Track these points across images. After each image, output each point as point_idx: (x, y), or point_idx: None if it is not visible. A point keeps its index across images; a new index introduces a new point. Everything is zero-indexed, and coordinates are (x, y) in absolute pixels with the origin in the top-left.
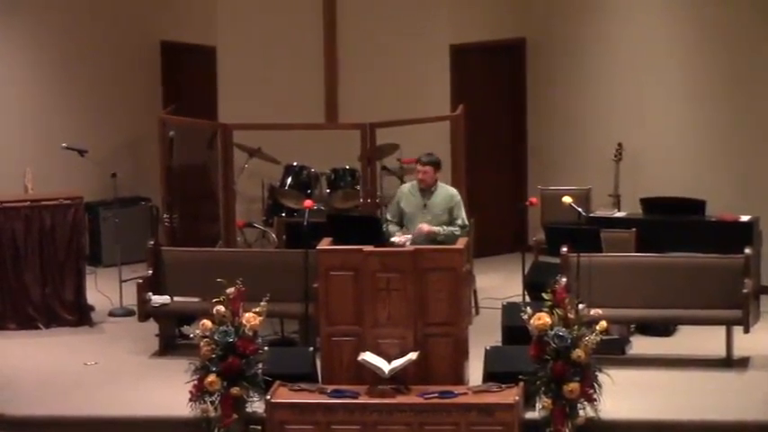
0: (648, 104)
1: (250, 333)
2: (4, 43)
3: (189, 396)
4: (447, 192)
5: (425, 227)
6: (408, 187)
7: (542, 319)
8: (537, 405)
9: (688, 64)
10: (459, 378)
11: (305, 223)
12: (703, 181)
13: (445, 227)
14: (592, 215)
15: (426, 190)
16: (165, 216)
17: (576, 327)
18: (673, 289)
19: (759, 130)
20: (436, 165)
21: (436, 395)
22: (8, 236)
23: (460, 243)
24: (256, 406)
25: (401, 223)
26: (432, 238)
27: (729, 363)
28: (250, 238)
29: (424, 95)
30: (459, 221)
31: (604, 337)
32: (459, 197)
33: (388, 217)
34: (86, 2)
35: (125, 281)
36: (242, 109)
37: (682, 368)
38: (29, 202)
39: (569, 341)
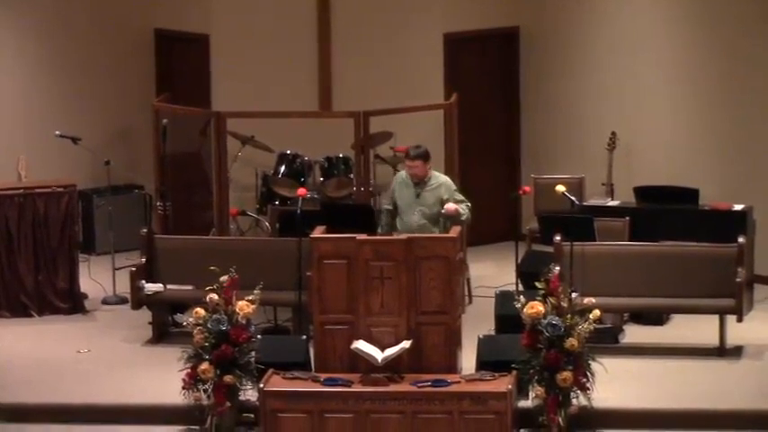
0: (642, 93)
1: (243, 321)
2: None
3: (182, 384)
4: (438, 181)
5: (452, 206)
6: (404, 175)
7: (535, 307)
8: (530, 394)
9: (683, 53)
10: (452, 367)
11: (298, 211)
12: (697, 170)
13: (463, 209)
14: (585, 204)
15: (419, 182)
16: (158, 204)
17: (569, 315)
18: (666, 278)
19: (753, 120)
20: (425, 157)
21: (429, 384)
22: (1, 224)
23: (454, 232)
24: (249, 394)
25: (395, 212)
26: (455, 217)
27: (722, 352)
28: (243, 227)
29: (418, 84)
30: (464, 204)
31: (597, 326)
32: (452, 184)
33: (387, 206)
34: None
35: (118, 269)
36: (235, 97)
37: (675, 357)
38: (22, 190)
39: (562, 330)
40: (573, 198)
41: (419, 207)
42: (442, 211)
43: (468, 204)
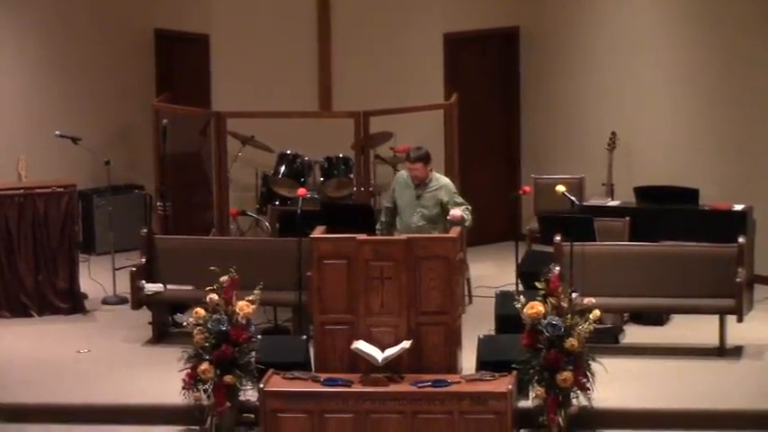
0: (642, 93)
1: (243, 321)
2: None
3: (182, 384)
4: (439, 183)
5: (458, 213)
6: (405, 176)
7: (535, 307)
8: (530, 394)
9: (682, 53)
10: (452, 367)
11: (298, 211)
12: (697, 170)
13: (466, 213)
14: (585, 204)
15: (420, 183)
16: (158, 204)
17: (569, 315)
18: (666, 278)
19: (753, 120)
20: (425, 159)
21: (429, 384)
22: (1, 224)
23: (454, 232)
24: (249, 394)
25: (395, 211)
26: (461, 223)
27: (722, 352)
28: (243, 227)
29: (418, 84)
30: (464, 207)
31: (597, 326)
32: (452, 186)
33: (387, 204)
34: None
35: (118, 269)
36: (235, 97)
37: (675, 357)
38: (22, 190)
39: (562, 330)
40: (573, 198)
41: (419, 208)
42: (448, 217)
43: (469, 207)
